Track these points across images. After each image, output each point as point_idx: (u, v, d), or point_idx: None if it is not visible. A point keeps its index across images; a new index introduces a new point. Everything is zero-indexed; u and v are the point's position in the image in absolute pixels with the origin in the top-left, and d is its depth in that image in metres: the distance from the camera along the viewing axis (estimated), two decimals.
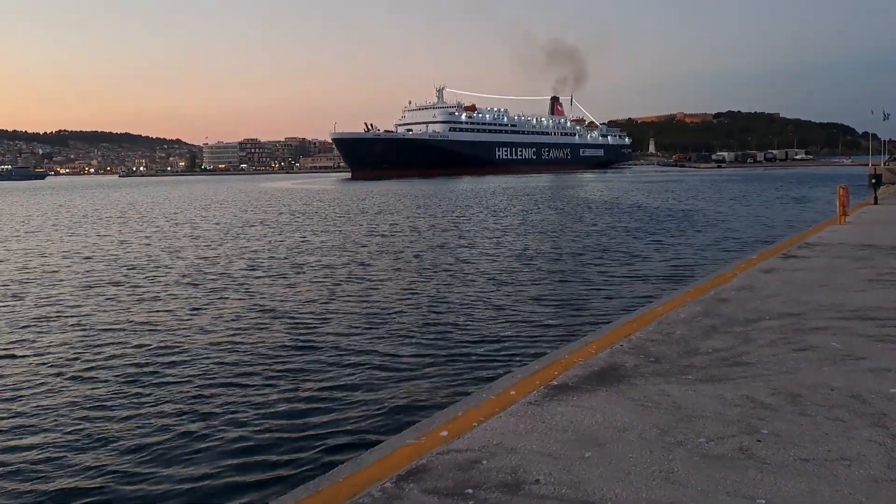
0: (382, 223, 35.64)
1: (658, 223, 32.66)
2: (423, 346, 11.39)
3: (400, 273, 19.16)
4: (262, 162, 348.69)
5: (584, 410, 5.21)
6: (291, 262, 21.75)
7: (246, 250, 25.35)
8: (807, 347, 6.74)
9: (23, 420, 8.54)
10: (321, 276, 19.01)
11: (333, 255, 23.22)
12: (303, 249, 25.20)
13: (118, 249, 26.67)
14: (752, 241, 24.25)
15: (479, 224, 34.14)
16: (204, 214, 46.95)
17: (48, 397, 9.32)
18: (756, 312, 8.33)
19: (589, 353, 6.82)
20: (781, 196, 53.38)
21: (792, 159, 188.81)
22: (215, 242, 28.41)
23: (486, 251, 23.46)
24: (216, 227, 36.54)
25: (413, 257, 22.32)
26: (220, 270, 20.47)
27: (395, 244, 26.10)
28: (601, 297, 15.23)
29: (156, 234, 33.26)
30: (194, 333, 12.74)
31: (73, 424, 8.34)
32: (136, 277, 19.47)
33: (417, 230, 31.41)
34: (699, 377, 5.93)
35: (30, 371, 10.54)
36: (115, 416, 8.60)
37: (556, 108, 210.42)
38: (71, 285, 18.32)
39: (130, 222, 41.16)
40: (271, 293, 16.62)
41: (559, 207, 45.51)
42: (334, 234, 30.44)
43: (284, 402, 8.91)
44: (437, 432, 4.93)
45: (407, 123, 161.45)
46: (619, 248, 23.41)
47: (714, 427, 4.84)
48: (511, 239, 27.15)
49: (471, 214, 40.51)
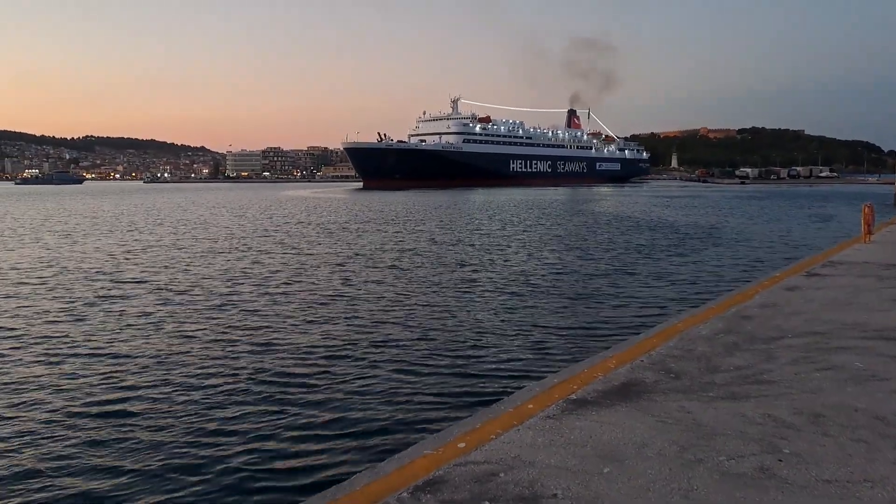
0: (403, 234, 35.69)
1: (679, 239, 32.44)
2: (439, 357, 11.36)
3: (411, 285, 19.15)
4: (285, 170, 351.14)
5: (603, 425, 5.18)
6: (320, 274, 21.84)
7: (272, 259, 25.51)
8: (830, 367, 6.66)
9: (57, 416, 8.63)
10: (335, 286, 19.07)
11: (351, 268, 23.28)
12: (320, 263, 25.31)
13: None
14: (776, 259, 24.02)
15: (496, 236, 34.09)
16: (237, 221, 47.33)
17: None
18: (779, 330, 8.24)
19: (609, 367, 6.78)
20: (805, 213, 52.86)
21: (816, 176, 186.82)
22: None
23: (504, 263, 23.41)
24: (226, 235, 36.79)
25: (424, 269, 22.31)
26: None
27: (405, 258, 26.13)
28: (621, 311, 15.13)
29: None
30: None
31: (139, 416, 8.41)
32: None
33: (435, 241, 31.41)
34: (720, 394, 5.88)
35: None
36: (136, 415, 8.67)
37: (573, 120, 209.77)
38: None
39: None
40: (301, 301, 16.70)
41: (577, 221, 45.34)
42: (360, 246, 30.52)
43: (300, 410, 8.92)
44: (454, 443, 4.92)
45: (420, 134, 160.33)
46: (640, 263, 23.27)
47: (735, 445, 4.79)
48: (530, 252, 27.07)
49: (487, 226, 40.45)
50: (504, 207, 62.99)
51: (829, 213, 53.94)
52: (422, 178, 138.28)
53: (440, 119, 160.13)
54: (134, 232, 38.35)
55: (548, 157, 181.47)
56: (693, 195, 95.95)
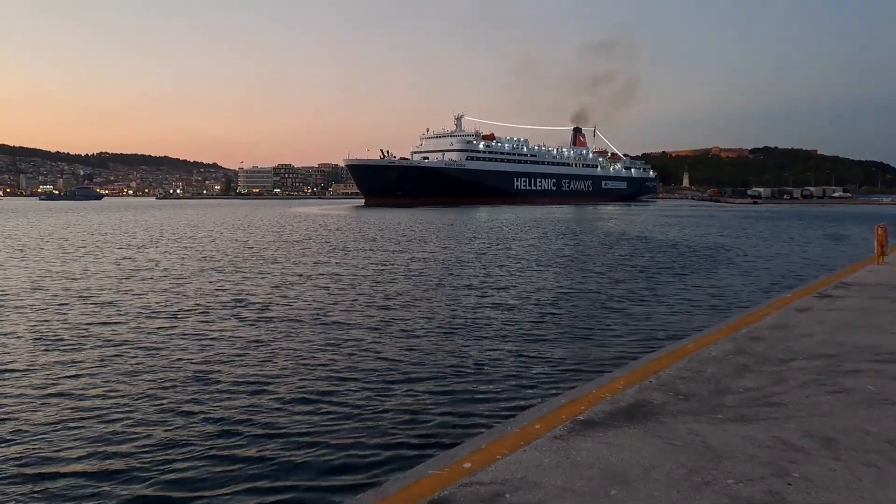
0: (411, 252, 35.69)
1: (690, 259, 32.31)
2: (440, 380, 11.27)
3: (420, 303, 19.14)
4: (296, 187, 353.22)
5: (610, 447, 5.14)
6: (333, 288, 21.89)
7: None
8: (841, 390, 6.59)
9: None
10: (352, 300, 19.10)
11: (366, 283, 23.31)
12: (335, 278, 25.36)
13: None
14: (787, 279, 23.87)
15: (500, 255, 34.06)
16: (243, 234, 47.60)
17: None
18: (789, 352, 8.17)
19: (616, 388, 6.74)
20: (818, 234, 52.58)
21: (829, 197, 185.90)
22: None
23: (511, 282, 23.37)
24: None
25: (425, 288, 22.31)
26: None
27: (412, 278, 26.12)
28: (629, 332, 15.04)
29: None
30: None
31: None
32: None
33: (439, 261, 31.41)
34: (729, 417, 5.83)
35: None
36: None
37: (579, 138, 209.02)
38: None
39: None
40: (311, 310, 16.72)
41: (585, 240, 45.26)
42: (372, 262, 30.57)
43: (302, 429, 8.89)
44: (460, 464, 4.89)
45: (423, 151, 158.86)
46: (648, 284, 23.18)
47: (743, 468, 4.74)
48: (537, 271, 27.02)
49: (492, 247, 40.43)
50: (507, 226, 62.99)
51: (841, 233, 53.64)
52: (424, 196, 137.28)
53: (444, 136, 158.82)
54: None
55: (552, 175, 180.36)
56: (704, 215, 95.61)
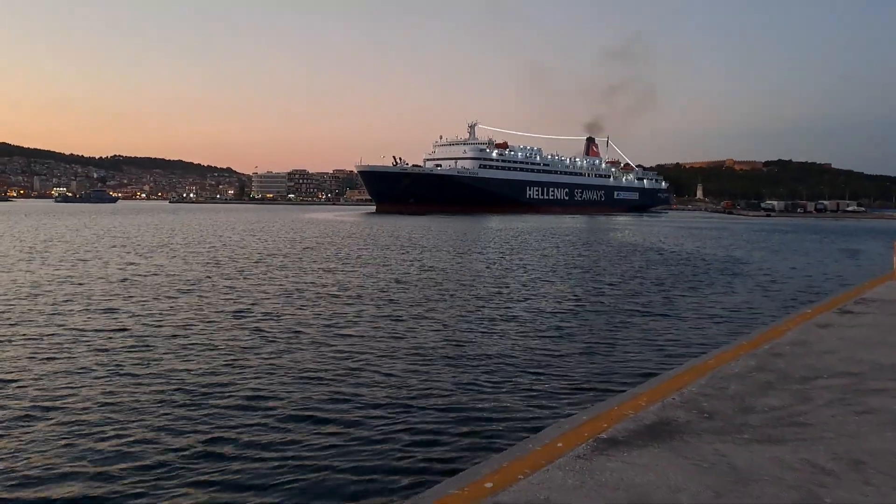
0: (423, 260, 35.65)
1: (705, 273, 32.07)
2: (457, 396, 11.17)
3: (433, 314, 19.06)
4: (310, 192, 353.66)
5: (635, 467, 5.02)
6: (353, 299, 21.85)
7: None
8: (867, 410, 6.44)
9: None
10: (369, 311, 19.04)
11: (379, 296, 23.25)
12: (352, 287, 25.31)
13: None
14: (806, 295, 23.64)
15: (513, 266, 33.93)
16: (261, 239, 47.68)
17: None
18: (812, 370, 8.02)
19: (639, 405, 6.61)
20: (833, 248, 52.14)
21: (843, 210, 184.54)
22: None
23: (525, 294, 23.26)
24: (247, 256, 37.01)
25: (438, 299, 22.22)
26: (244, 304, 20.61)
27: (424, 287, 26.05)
28: (650, 347, 14.90)
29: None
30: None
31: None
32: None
33: (452, 272, 31.34)
34: (755, 437, 5.70)
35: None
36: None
37: (592, 148, 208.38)
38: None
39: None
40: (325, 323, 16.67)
41: (600, 251, 45.07)
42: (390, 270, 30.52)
43: (319, 444, 8.82)
44: (481, 483, 4.78)
45: (436, 158, 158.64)
46: (666, 298, 22.99)
47: (772, 492, 4.61)
48: (550, 282, 26.89)
49: (509, 258, 40.32)
50: (520, 235, 62.84)
51: (856, 247, 53.18)
52: (436, 204, 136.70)
53: (457, 144, 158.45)
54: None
55: (565, 184, 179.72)
56: (718, 227, 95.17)
